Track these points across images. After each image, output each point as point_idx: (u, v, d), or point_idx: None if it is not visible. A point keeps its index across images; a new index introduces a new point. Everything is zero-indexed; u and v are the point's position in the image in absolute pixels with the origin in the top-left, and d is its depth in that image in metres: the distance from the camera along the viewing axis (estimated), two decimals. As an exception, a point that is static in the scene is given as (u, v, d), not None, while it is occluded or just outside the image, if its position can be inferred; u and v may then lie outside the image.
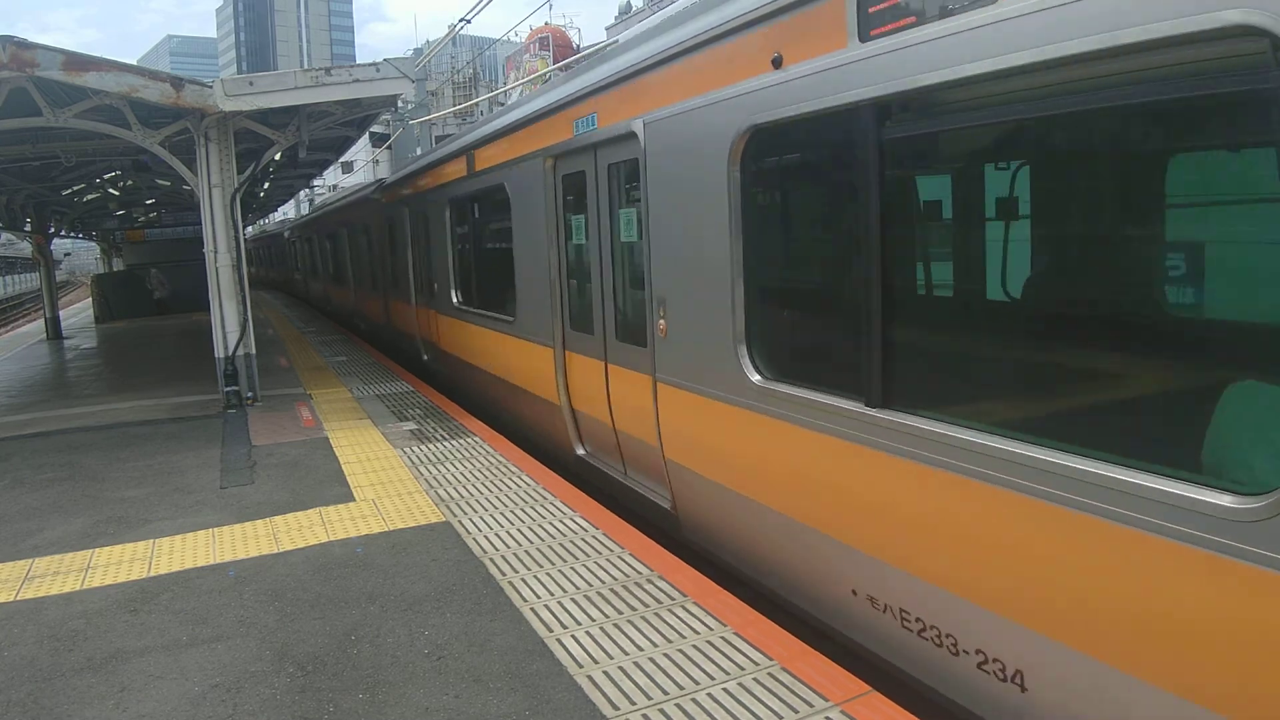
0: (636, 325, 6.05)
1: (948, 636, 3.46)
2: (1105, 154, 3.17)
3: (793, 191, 5.01)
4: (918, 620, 3.62)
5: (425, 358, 13.02)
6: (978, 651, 3.32)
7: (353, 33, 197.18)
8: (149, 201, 22.89)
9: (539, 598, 4.57)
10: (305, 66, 11.21)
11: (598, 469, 7.02)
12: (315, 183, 38.24)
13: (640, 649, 3.95)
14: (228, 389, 10.28)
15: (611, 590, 4.61)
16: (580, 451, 7.28)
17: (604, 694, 3.58)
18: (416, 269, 12.95)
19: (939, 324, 3.97)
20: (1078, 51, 2.71)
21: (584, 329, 6.92)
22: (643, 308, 5.81)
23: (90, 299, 29.40)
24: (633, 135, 5.72)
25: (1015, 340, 3.51)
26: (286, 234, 35.27)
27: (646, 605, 4.41)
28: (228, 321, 10.20)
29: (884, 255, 3.65)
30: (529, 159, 7.67)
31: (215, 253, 10.03)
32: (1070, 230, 3.46)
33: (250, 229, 51.56)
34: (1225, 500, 2.42)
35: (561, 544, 5.33)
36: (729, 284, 4.76)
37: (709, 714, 3.40)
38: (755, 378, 4.60)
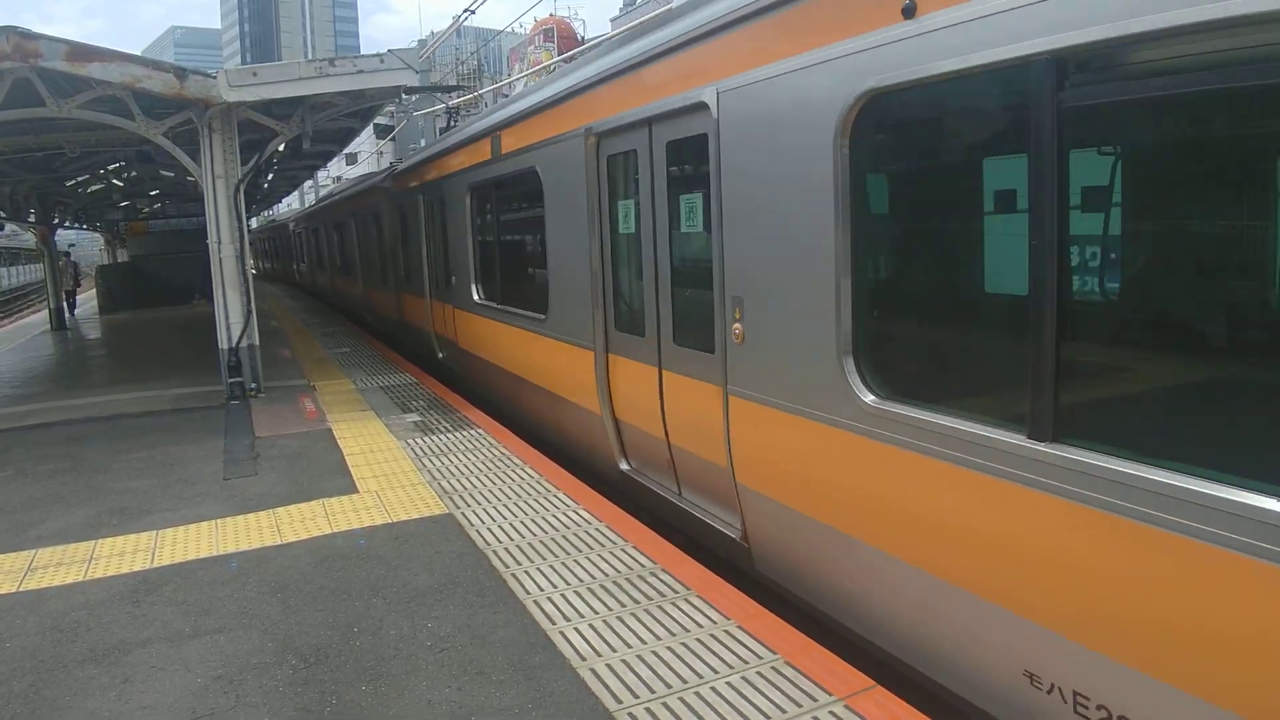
0: None
1: None
2: None
3: None
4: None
5: (628, 466, 6.54)
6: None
7: (357, 24, 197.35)
8: (153, 193, 22.90)
9: (542, 590, 4.55)
10: (309, 58, 11.16)
11: None
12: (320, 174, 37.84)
13: (643, 642, 3.94)
14: (231, 380, 10.28)
15: (614, 583, 4.60)
16: None
17: (607, 687, 3.57)
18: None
19: None
20: None
21: None
22: None
23: (95, 290, 29.46)
24: None
25: None
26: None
27: (649, 598, 4.39)
28: (231, 312, 10.20)
29: None
30: None
31: (219, 244, 10.03)
32: None
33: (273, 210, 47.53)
34: None
35: (564, 536, 5.32)
36: None
37: (712, 708, 3.39)
38: None
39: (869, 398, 3.85)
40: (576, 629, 4.10)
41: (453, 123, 16.54)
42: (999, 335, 3.64)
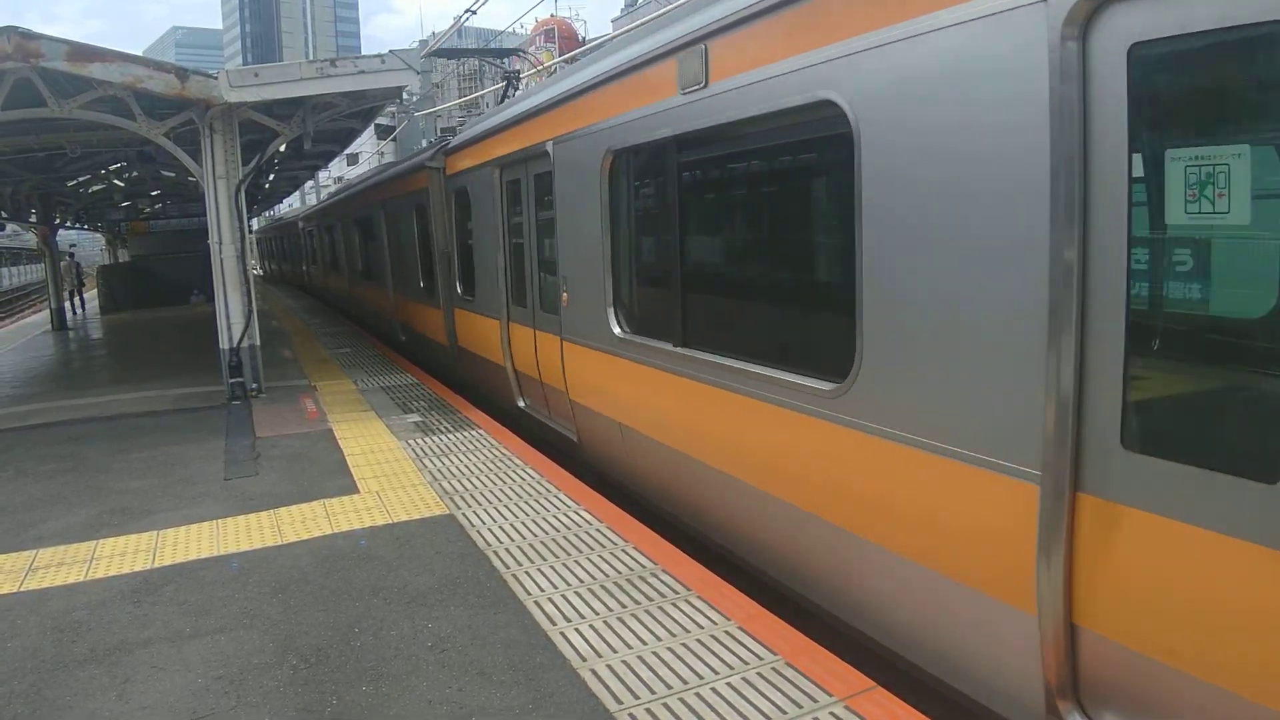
0: None
1: None
2: None
3: None
4: None
5: None
6: None
7: (358, 24, 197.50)
8: (154, 193, 22.91)
9: (543, 591, 4.55)
10: (310, 58, 11.12)
11: None
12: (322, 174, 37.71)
13: (644, 643, 3.94)
14: (232, 381, 10.28)
15: (615, 584, 4.60)
16: None
17: (607, 688, 3.57)
18: None
19: None
20: None
21: None
22: None
23: (96, 290, 29.50)
24: None
25: None
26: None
27: (650, 599, 4.39)
28: (232, 313, 10.20)
29: None
30: None
31: (220, 244, 10.03)
32: None
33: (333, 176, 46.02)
34: None
35: (565, 537, 5.32)
36: None
37: (713, 708, 3.39)
38: None
39: None
40: (577, 629, 4.10)
41: (511, 93, 12.75)
42: None
